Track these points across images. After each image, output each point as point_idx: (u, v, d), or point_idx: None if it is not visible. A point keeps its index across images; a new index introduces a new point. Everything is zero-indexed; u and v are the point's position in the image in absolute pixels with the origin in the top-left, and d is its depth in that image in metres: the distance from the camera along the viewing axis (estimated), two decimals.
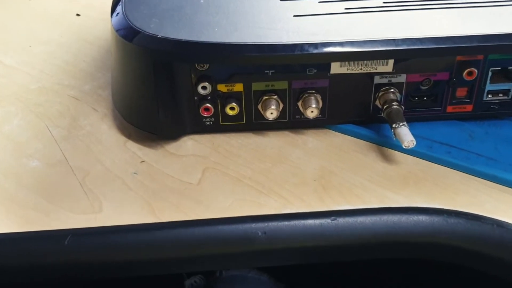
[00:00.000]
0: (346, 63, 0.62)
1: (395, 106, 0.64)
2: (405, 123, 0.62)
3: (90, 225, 0.56)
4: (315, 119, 0.62)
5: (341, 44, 0.59)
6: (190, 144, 0.67)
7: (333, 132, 0.64)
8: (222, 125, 0.63)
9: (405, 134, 0.61)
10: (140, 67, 0.62)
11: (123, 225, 0.56)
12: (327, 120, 0.64)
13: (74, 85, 0.77)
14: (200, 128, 0.65)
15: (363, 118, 0.63)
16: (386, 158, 0.65)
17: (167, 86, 0.62)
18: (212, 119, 0.67)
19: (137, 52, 0.61)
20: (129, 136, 0.68)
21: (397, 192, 0.60)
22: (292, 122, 0.64)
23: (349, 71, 0.64)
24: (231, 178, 0.62)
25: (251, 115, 0.63)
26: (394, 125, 0.62)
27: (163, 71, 0.61)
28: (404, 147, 0.61)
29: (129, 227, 0.55)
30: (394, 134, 0.62)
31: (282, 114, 0.62)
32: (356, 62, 0.62)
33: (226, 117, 0.63)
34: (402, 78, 0.66)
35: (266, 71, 0.60)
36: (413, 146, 0.61)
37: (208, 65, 0.62)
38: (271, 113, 0.65)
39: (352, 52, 0.59)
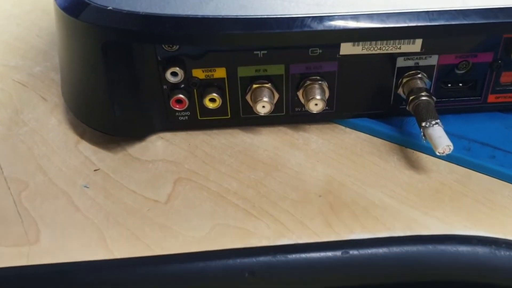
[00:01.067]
0: (361, 42, 0.48)
1: (424, 98, 0.49)
2: (438, 121, 0.47)
3: (19, 263, 0.41)
4: (320, 113, 0.51)
5: (355, 17, 0.45)
6: (160, 145, 0.52)
7: (343, 128, 0.55)
8: (200, 121, 0.53)
9: (439, 137, 0.46)
10: (88, 50, 0.46)
11: (63, 263, 0.41)
12: (335, 114, 0.54)
13: (22, 66, 0.64)
14: (173, 124, 0.55)
15: (382, 111, 0.54)
16: (412, 164, 0.50)
17: (124, 74, 0.47)
18: (188, 113, 0.53)
19: (82, 30, 0.46)
20: (82, 134, 0.54)
21: (428, 213, 0.46)
22: (291, 116, 0.54)
23: (364, 52, 0.49)
24: (211, 193, 0.48)
25: (238, 107, 0.53)
26: (424, 124, 0.47)
27: (117, 54, 0.46)
28: (438, 154, 0.46)
29: (71, 266, 0.40)
30: (424, 135, 0.47)
31: (277, 106, 0.52)
32: (374, 41, 0.48)
33: (205, 110, 0.53)
34: (432, 60, 0.52)
35: (255, 52, 0.50)
36: (450, 152, 0.45)
37: (178, 45, 0.46)
38: (263, 106, 0.50)
39: (369, 30, 0.45)
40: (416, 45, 0.50)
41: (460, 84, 0.54)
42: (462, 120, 0.53)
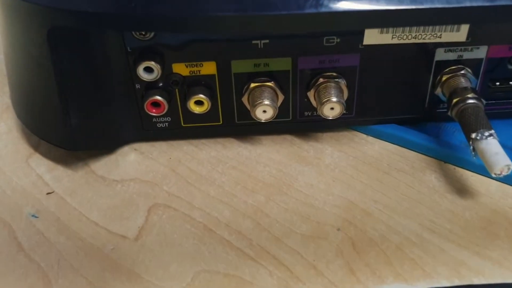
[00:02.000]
0: (390, 28, 0.38)
1: (471, 101, 0.39)
2: (492, 132, 0.37)
3: None
4: (337, 119, 0.42)
5: None
6: (133, 160, 0.40)
7: (365, 137, 0.46)
8: (184, 129, 0.45)
9: (496, 154, 0.35)
10: (31, 38, 0.34)
11: None
12: (355, 119, 0.45)
13: None
14: (149, 133, 0.45)
15: (414, 115, 0.45)
16: (455, 185, 0.41)
17: (81, 70, 0.36)
18: (168, 119, 0.42)
19: (24, 12, 0.33)
20: (37, 145, 0.43)
21: (480, 253, 0.37)
22: (299, 123, 0.45)
23: (394, 41, 0.39)
24: (196, 226, 0.39)
25: (232, 112, 0.44)
26: (474, 136, 0.36)
27: (69, 44, 0.34)
28: (494, 175, 0.34)
29: None
30: (474, 149, 0.36)
31: (282, 110, 0.43)
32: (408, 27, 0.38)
33: (190, 115, 0.43)
34: (480, 53, 0.42)
35: (254, 41, 0.40)
36: (509, 172, 0.34)
37: (152, 32, 0.34)
38: (264, 111, 0.39)
39: (401, 12, 0.34)
40: (461, 33, 0.39)
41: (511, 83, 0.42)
42: None
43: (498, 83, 0.44)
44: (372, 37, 0.40)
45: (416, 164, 0.43)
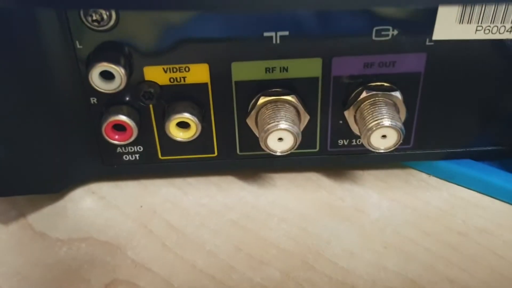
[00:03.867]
0: (477, 11, 0.25)
1: None
2: None
3: None
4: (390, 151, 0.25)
5: None
6: (87, 208, 0.29)
7: (427, 178, 0.33)
8: (163, 163, 0.31)
9: None
10: None
11: None
12: (414, 152, 0.32)
13: None
14: (113, 170, 0.32)
15: (501, 147, 0.32)
16: None
17: (4, 78, 0.21)
18: (139, 149, 0.30)
19: None
20: None
21: None
22: (331, 156, 0.32)
23: (479, 36, 0.24)
24: None
25: (232, 139, 0.31)
26: None
27: None
28: None
29: None
30: None
31: (306, 137, 0.30)
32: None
33: (171, 144, 0.30)
34: None
35: (267, 33, 0.25)
36: None
37: (114, 14, 0.21)
38: (280, 139, 0.27)
39: None
40: None
41: None
42: None
43: None
44: (447, 28, 0.26)
45: (504, 221, 0.29)
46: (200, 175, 0.33)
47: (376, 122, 0.28)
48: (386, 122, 0.28)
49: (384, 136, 0.28)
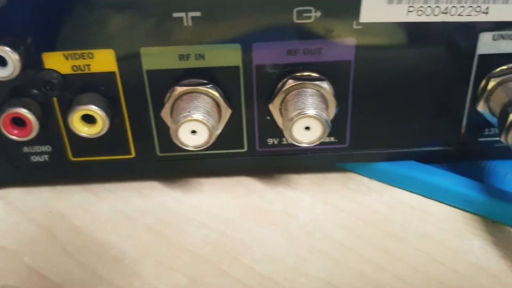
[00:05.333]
0: None
1: None
2: None
3: None
4: (320, 151, 0.25)
5: None
6: None
7: (368, 182, 0.31)
8: (75, 165, 0.29)
9: None
10: None
11: None
12: (351, 153, 0.30)
13: None
14: (21, 173, 0.29)
15: (445, 148, 0.28)
16: None
17: None
18: (48, 148, 0.28)
19: None
20: None
21: None
22: (261, 157, 0.29)
23: (412, 18, 0.24)
24: None
25: (150, 138, 0.29)
26: None
27: None
28: None
29: None
30: None
31: (232, 136, 0.28)
32: None
33: (81, 144, 0.28)
34: None
35: (176, 14, 0.24)
36: None
37: None
38: (193, 132, 0.23)
39: None
40: None
41: None
42: None
43: None
44: (375, 9, 0.24)
45: (447, 225, 0.26)
46: (121, 180, 0.30)
47: (298, 111, 0.25)
48: (309, 111, 0.25)
49: (307, 128, 0.26)
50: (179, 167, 0.29)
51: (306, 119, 0.25)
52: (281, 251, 0.26)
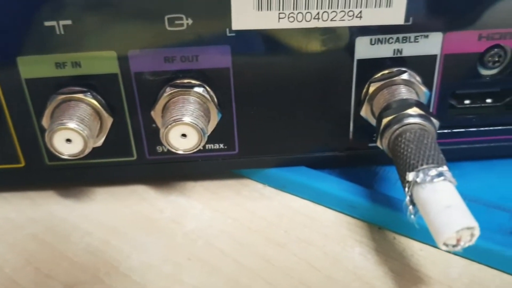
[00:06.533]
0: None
1: (412, 120, 0.23)
2: (444, 169, 0.21)
3: None
4: (211, 157, 0.25)
5: None
6: None
7: (261, 188, 0.32)
8: None
9: (447, 208, 0.17)
10: None
11: None
12: (240, 160, 0.30)
13: None
14: None
15: (333, 153, 0.29)
16: (395, 267, 0.26)
17: None
18: None
19: None
20: None
21: None
22: (150, 165, 0.30)
23: (284, 25, 0.25)
24: None
25: (37, 147, 0.29)
26: (410, 177, 0.21)
27: None
28: (443, 248, 0.16)
29: None
30: (412, 201, 0.19)
31: (121, 145, 0.29)
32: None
33: None
34: (431, 45, 0.26)
35: (48, 23, 0.26)
36: (471, 242, 0.16)
37: None
38: (68, 140, 0.25)
39: None
40: (394, 9, 0.23)
41: (489, 100, 0.26)
42: (498, 172, 0.28)
43: (467, 101, 0.27)
44: (246, 16, 0.24)
45: (332, 230, 0.27)
46: (16, 189, 0.30)
47: (173, 118, 0.25)
48: (185, 118, 0.25)
49: (184, 136, 0.26)
50: (69, 176, 0.30)
51: (182, 127, 0.26)
52: (159, 259, 0.26)
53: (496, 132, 0.29)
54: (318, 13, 0.25)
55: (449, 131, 0.29)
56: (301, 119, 0.28)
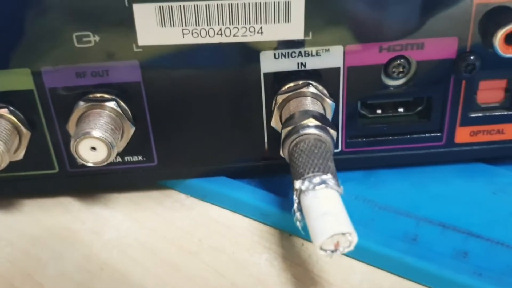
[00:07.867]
0: (177, 13, 0.26)
1: (308, 131, 0.24)
2: (327, 177, 0.22)
3: None
4: (131, 167, 0.28)
5: None
6: None
7: (184, 198, 0.33)
8: None
9: (324, 214, 0.18)
10: None
11: None
12: (161, 171, 0.32)
13: None
14: None
15: (251, 163, 0.30)
16: (299, 274, 0.27)
17: None
18: None
19: None
20: None
21: None
22: (72, 177, 0.31)
23: (188, 40, 0.25)
24: None
25: None
26: (297, 185, 0.21)
27: None
28: (321, 252, 0.18)
29: None
30: (299, 208, 0.20)
31: (41, 158, 0.29)
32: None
33: None
34: (333, 58, 0.26)
35: None
36: (350, 248, 0.18)
37: None
38: None
39: None
40: (294, 25, 0.24)
41: (401, 110, 0.27)
42: (411, 180, 0.29)
43: (378, 111, 0.28)
44: (150, 32, 0.25)
45: (244, 238, 0.28)
46: None
47: (84, 131, 0.27)
48: (94, 132, 0.27)
49: (93, 149, 0.27)
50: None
51: (90, 140, 0.27)
52: (74, 268, 0.27)
53: (409, 140, 0.30)
54: (220, 29, 0.26)
55: (363, 140, 0.30)
56: (217, 131, 0.29)
